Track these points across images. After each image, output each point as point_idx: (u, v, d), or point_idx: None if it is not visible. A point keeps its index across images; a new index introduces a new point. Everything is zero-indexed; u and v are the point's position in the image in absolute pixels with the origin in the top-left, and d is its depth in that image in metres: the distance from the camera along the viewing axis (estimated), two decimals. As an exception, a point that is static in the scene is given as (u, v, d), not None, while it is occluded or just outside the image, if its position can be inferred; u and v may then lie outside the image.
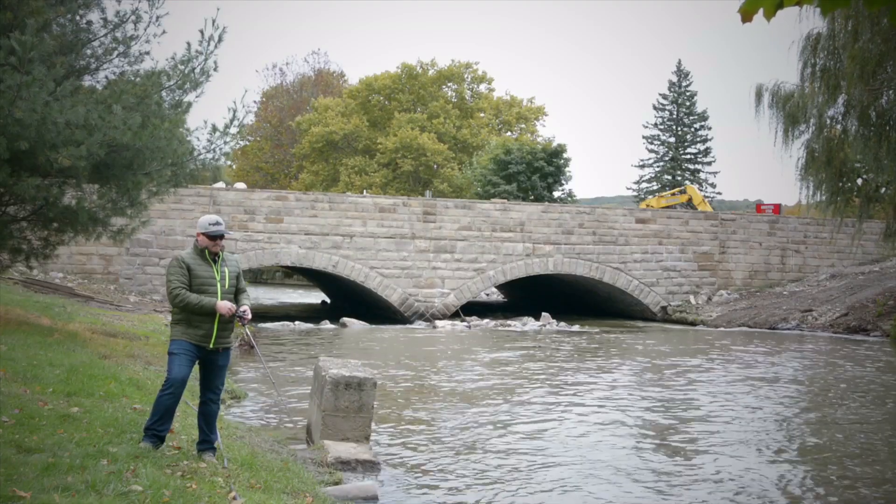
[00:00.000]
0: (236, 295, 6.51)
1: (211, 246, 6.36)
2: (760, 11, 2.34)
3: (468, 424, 10.82)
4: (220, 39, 11.37)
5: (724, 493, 7.99)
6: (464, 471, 8.47)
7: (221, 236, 6.39)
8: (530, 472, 8.55)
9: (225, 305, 6.21)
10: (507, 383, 14.56)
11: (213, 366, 6.41)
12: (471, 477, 8.25)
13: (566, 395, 13.52)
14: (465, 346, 20.75)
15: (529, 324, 26.88)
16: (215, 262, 6.40)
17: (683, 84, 59.71)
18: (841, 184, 26.02)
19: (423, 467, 8.54)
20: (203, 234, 6.36)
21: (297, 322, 24.81)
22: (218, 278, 6.34)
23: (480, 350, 19.82)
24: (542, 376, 15.52)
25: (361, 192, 41.25)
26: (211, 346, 6.27)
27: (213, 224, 6.36)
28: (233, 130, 11.63)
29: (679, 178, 57.71)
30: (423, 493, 7.61)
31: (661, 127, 60.19)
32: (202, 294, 6.22)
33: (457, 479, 8.17)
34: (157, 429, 6.19)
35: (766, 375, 16.13)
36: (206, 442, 6.39)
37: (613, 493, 7.89)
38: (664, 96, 60.09)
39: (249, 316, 6.44)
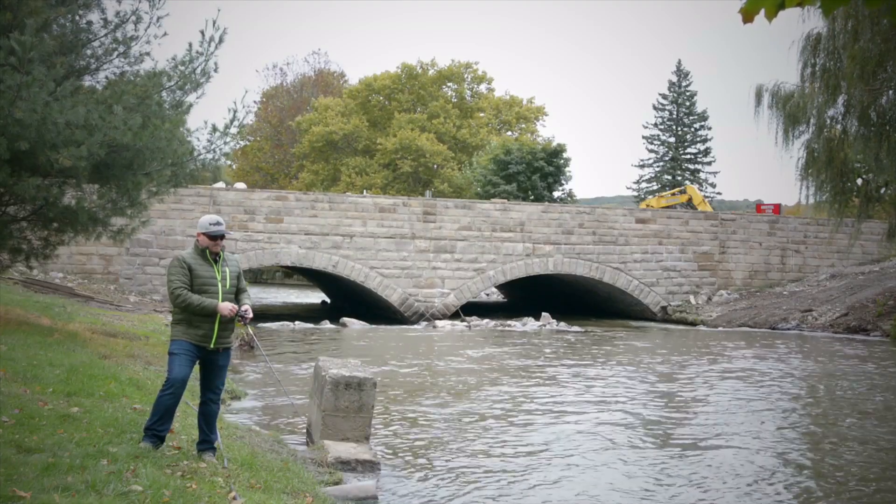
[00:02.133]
0: (237, 295, 6.53)
1: (212, 246, 6.37)
2: (762, 12, 2.34)
3: (468, 424, 10.82)
4: (220, 41, 11.39)
5: (719, 492, 8.00)
6: (464, 470, 8.47)
7: (222, 236, 6.40)
8: (531, 470, 8.55)
9: (227, 307, 6.24)
10: (506, 383, 14.57)
11: (213, 366, 6.42)
12: (471, 476, 8.25)
13: (566, 394, 13.53)
14: (465, 346, 20.75)
15: (529, 324, 26.87)
16: (216, 262, 6.42)
17: (683, 84, 59.74)
18: (842, 184, 26.03)
19: (423, 467, 8.54)
20: (204, 234, 6.37)
21: (297, 322, 24.80)
22: (219, 278, 6.36)
23: (480, 350, 19.82)
24: (542, 376, 15.53)
25: (361, 193, 41.24)
26: (211, 346, 6.29)
27: (214, 224, 6.37)
28: (233, 131, 11.64)
29: (679, 178, 57.74)
30: (424, 493, 7.61)
31: (661, 127, 60.23)
32: (203, 294, 6.24)
33: (457, 478, 8.16)
34: (158, 429, 6.20)
35: (766, 375, 16.12)
36: (207, 442, 6.40)
37: (614, 492, 7.89)
38: (664, 96, 60.13)
39: (251, 315, 6.47)
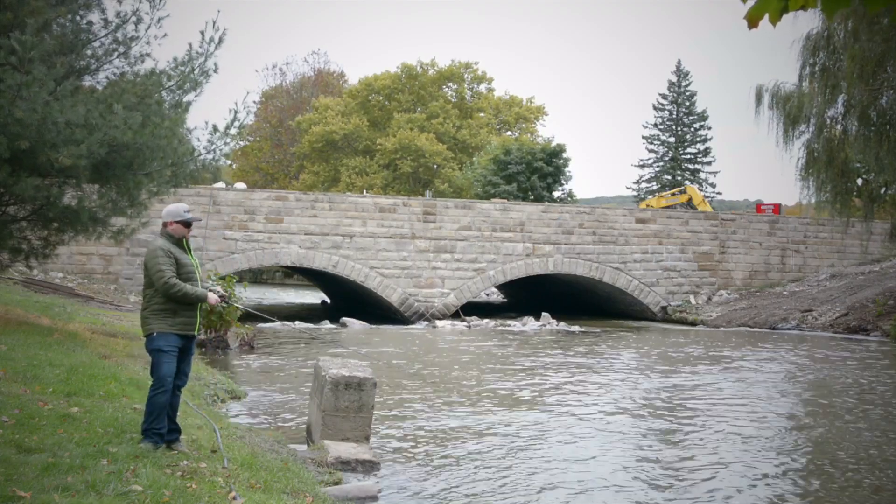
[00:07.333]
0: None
1: (186, 234, 6.56)
2: (766, 16, 2.35)
3: (468, 424, 10.82)
4: (220, 41, 11.41)
5: (717, 486, 7.99)
6: (464, 470, 8.47)
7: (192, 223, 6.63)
8: (531, 470, 8.54)
9: (214, 297, 6.49)
10: (506, 383, 14.56)
11: (185, 354, 6.57)
12: (471, 476, 8.25)
13: (566, 394, 13.53)
14: (465, 346, 20.76)
15: (529, 324, 26.87)
16: (189, 249, 6.60)
17: (683, 84, 59.75)
18: (842, 184, 26.04)
19: (423, 467, 8.53)
20: (179, 222, 6.50)
21: (297, 322, 24.80)
22: (196, 265, 6.56)
23: (480, 350, 19.82)
24: (542, 376, 15.52)
25: (361, 193, 41.23)
26: (195, 332, 6.50)
27: (187, 211, 6.58)
28: (233, 131, 11.66)
29: (679, 178, 57.74)
30: (424, 493, 7.61)
31: (661, 127, 60.25)
32: (188, 283, 6.44)
33: (457, 478, 8.16)
34: (157, 427, 6.22)
35: (766, 375, 16.13)
36: (175, 431, 6.48)
37: (617, 486, 7.89)
38: (664, 96, 60.14)
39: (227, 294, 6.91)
